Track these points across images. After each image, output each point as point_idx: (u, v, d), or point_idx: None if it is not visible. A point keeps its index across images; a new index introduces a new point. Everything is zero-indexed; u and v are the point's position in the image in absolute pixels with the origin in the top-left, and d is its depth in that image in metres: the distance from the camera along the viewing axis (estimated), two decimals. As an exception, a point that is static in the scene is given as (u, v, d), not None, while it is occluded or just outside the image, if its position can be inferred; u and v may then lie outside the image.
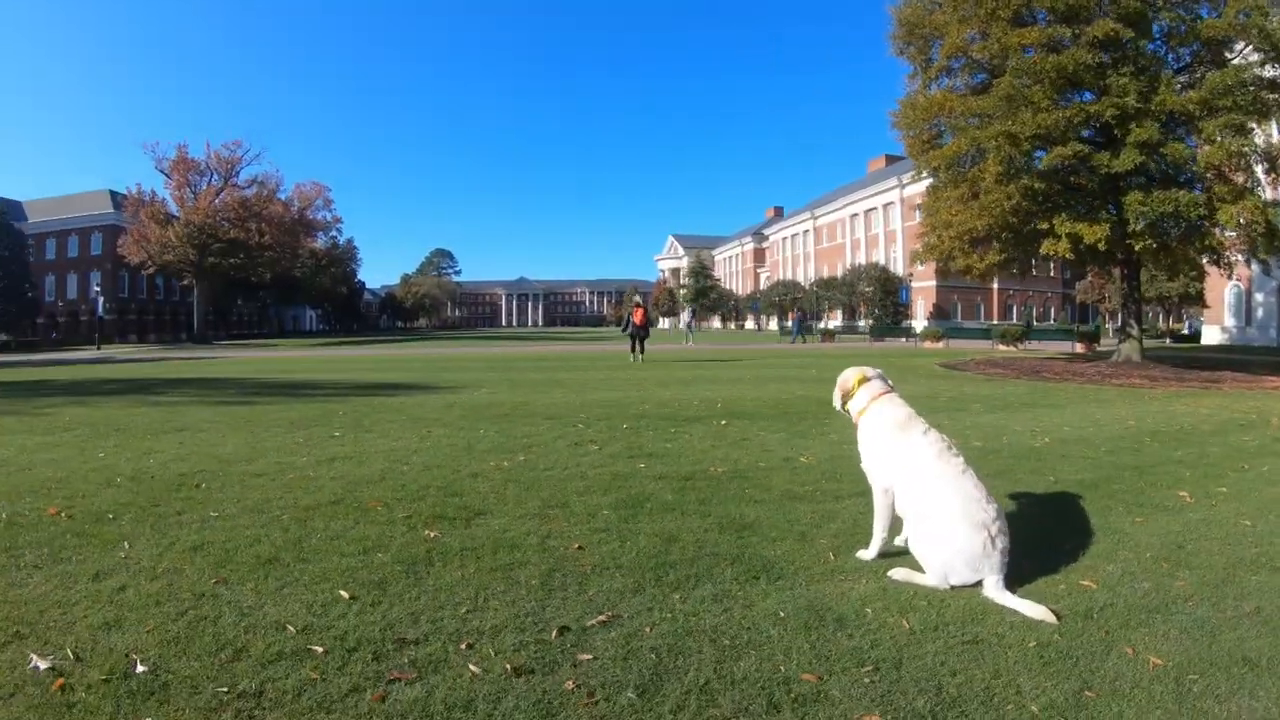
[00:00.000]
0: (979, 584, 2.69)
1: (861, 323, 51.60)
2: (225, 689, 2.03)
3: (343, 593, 2.78)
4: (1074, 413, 8.35)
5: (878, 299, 53.23)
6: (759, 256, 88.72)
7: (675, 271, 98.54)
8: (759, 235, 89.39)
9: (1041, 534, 3.44)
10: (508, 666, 2.12)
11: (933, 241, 16.26)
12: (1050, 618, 2.44)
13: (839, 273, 63.34)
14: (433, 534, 3.56)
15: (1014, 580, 2.76)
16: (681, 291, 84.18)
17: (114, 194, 59.82)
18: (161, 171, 45.96)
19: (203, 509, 4.07)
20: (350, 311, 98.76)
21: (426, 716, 1.91)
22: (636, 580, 2.86)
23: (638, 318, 18.28)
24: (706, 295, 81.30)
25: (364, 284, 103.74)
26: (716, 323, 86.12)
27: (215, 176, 47.67)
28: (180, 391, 11.89)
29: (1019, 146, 13.76)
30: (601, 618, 2.48)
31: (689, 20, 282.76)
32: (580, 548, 3.30)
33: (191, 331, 51.16)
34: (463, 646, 2.27)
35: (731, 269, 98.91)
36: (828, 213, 70.87)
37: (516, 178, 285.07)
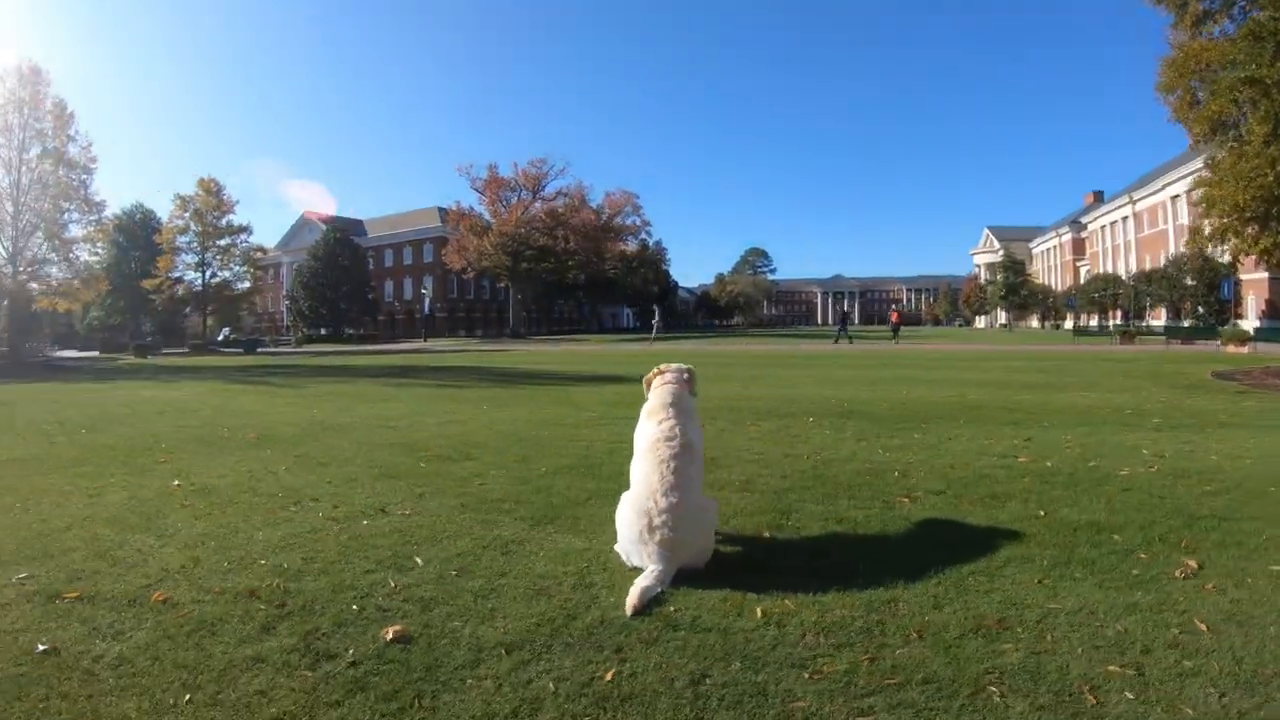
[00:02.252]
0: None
1: (1186, 322, 43.75)
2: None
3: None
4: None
5: (1200, 294, 43.99)
6: (1077, 248, 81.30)
7: (991, 266, 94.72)
8: (1076, 224, 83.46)
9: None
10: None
11: (1212, 222, 15.49)
12: (629, 609, 2.56)
13: (1161, 263, 54.77)
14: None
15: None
16: (989, 288, 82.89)
17: (440, 209, 76.38)
18: (475, 190, 58.66)
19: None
20: (664, 310, 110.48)
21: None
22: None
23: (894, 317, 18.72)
24: (1017, 292, 78.10)
25: (677, 283, 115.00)
26: (1034, 322, 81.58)
27: (524, 191, 59.05)
28: (426, 377, 15.60)
29: (1271, 98, 12.85)
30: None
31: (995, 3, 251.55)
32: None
33: (508, 328, 62.79)
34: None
35: (1049, 262, 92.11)
36: (1146, 195, 62.47)
37: (833, 173, 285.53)
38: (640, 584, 2.67)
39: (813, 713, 1.93)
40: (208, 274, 44.96)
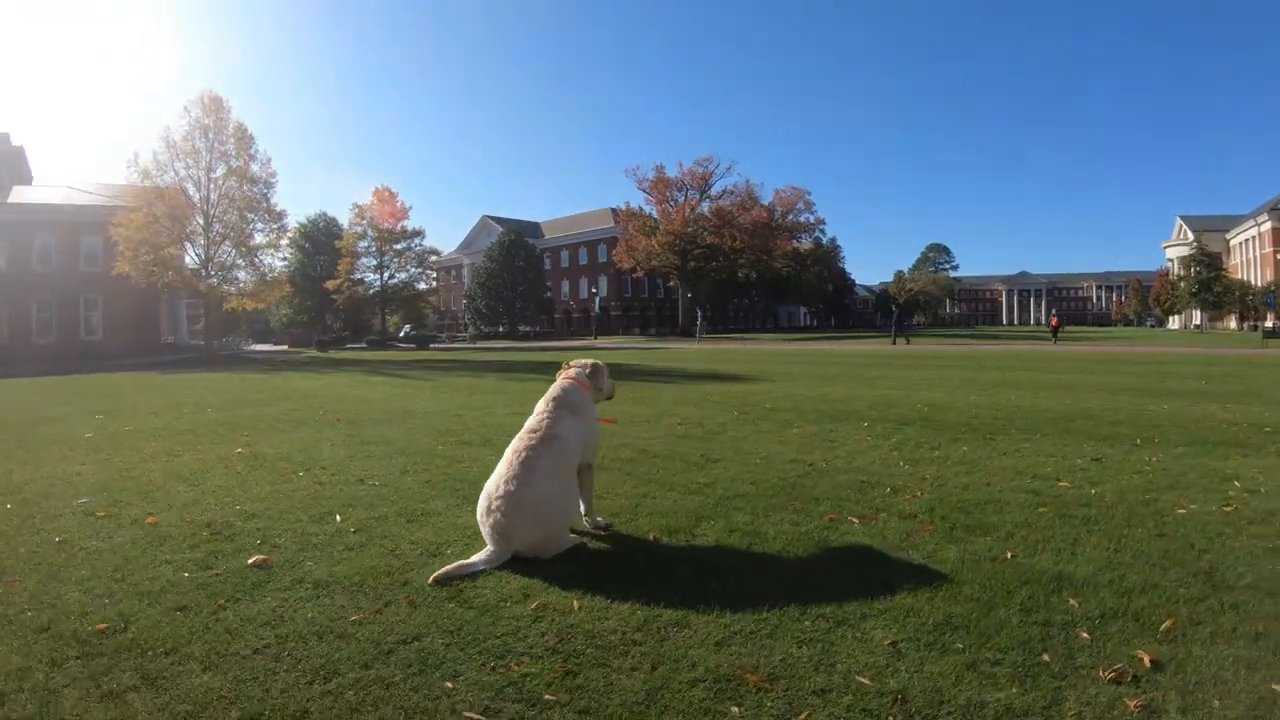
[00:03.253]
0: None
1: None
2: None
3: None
4: None
5: None
6: (1278, 238, 71.18)
7: (1182, 260, 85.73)
8: (1276, 211, 72.41)
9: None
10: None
11: None
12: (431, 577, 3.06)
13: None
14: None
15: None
16: (1180, 284, 77.98)
17: (614, 210, 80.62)
18: (643, 190, 61.83)
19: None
20: (839, 308, 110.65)
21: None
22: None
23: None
24: (1210, 289, 72.18)
25: (854, 281, 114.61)
26: (1233, 323, 74.34)
27: (690, 191, 61.68)
28: (550, 373, 17.07)
29: None
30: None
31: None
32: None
33: (676, 326, 65.21)
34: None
35: (1248, 255, 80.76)
36: (1368, 170, 50.02)
37: (1020, 164, 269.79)
38: (462, 560, 3.17)
39: (437, 699, 2.15)
40: (385, 275, 50.90)
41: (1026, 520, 4.04)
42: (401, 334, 58.82)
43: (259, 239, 33.16)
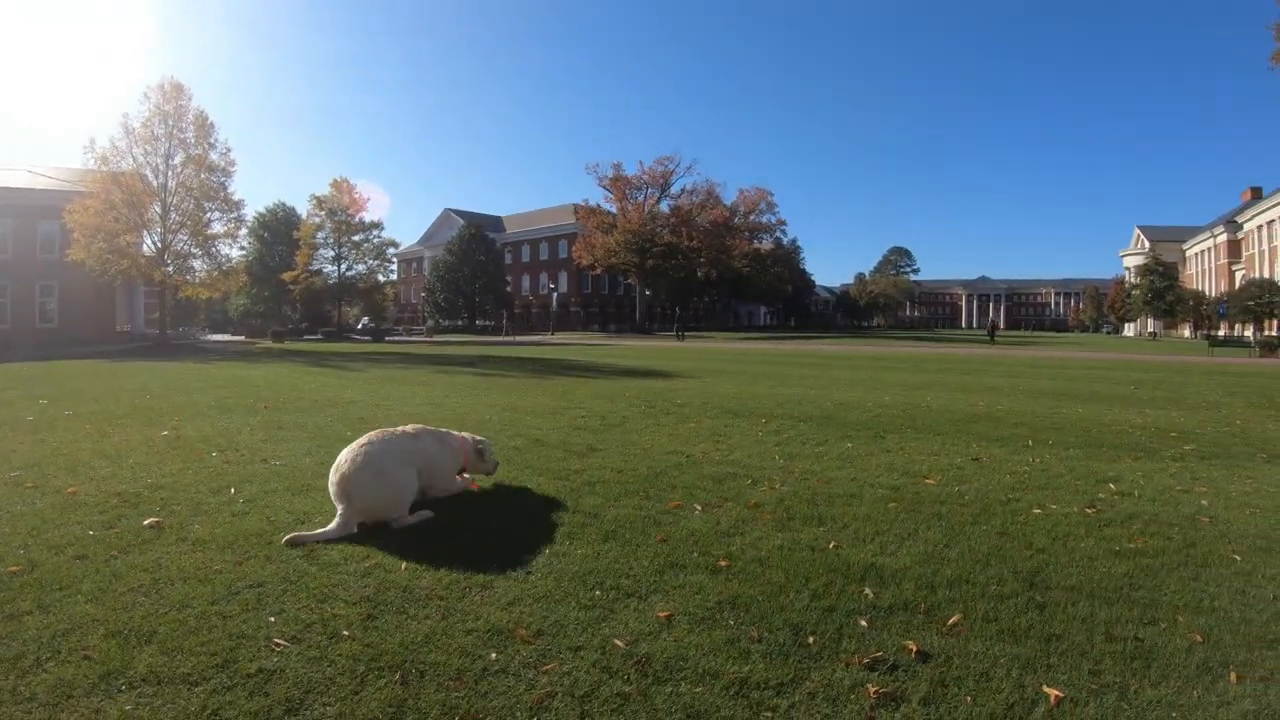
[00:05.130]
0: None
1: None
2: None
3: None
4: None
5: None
6: (1233, 249, 75.43)
7: (1139, 269, 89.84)
8: (1232, 224, 75.79)
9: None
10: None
11: None
12: (285, 538, 3.64)
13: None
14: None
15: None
16: (1134, 293, 79.84)
17: (576, 207, 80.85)
18: (603, 187, 62.26)
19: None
20: (799, 308, 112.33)
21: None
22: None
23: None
24: (1163, 297, 74.56)
25: (814, 282, 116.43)
26: (1186, 331, 77.63)
27: (650, 189, 62.48)
28: (484, 366, 17.54)
29: None
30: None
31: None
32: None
33: (635, 323, 65.95)
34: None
35: (1203, 265, 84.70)
36: (1312, 188, 53.77)
37: (978, 170, 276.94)
38: (319, 527, 3.76)
39: (258, 628, 2.67)
40: (343, 267, 50.73)
41: (870, 514, 4.21)
42: (360, 326, 58.64)
43: (216, 228, 32.96)
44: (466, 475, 4.66)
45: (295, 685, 2.32)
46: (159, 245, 31.26)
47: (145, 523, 3.93)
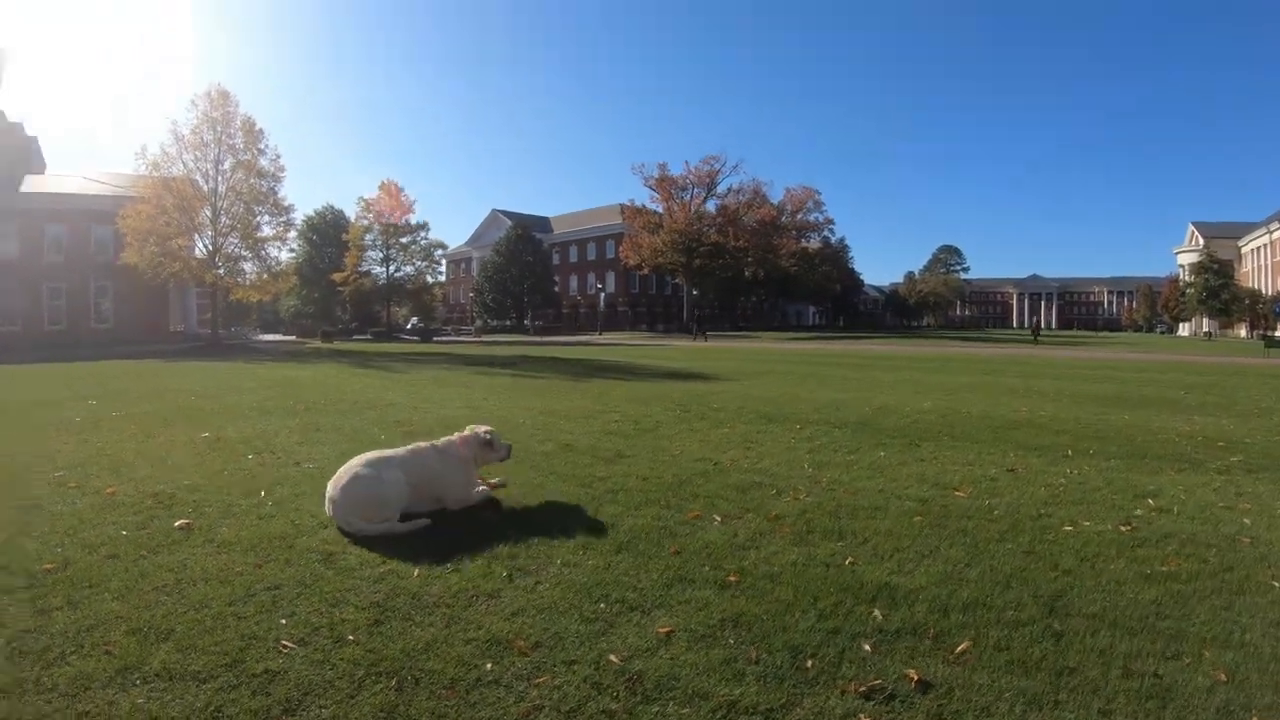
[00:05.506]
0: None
1: None
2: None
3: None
4: None
5: None
6: None
7: (1192, 267, 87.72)
8: None
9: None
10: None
11: None
12: None
13: None
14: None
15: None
16: (1189, 291, 77.85)
17: (623, 207, 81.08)
18: (649, 187, 62.28)
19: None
20: (848, 308, 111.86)
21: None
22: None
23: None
24: (1218, 296, 72.64)
25: (862, 281, 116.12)
26: (1242, 331, 75.04)
27: (696, 189, 62.38)
28: (523, 368, 17.74)
29: None
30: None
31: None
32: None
33: (682, 323, 65.96)
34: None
35: (1260, 262, 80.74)
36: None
37: (1029, 167, 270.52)
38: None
39: (269, 630, 2.83)
40: (391, 268, 51.86)
41: (893, 529, 4.13)
42: (409, 326, 59.96)
43: (266, 231, 34.00)
44: (483, 486, 4.76)
45: (296, 687, 2.43)
46: (210, 248, 32.33)
47: (176, 524, 4.12)
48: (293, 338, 50.85)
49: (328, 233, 60.15)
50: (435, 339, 47.72)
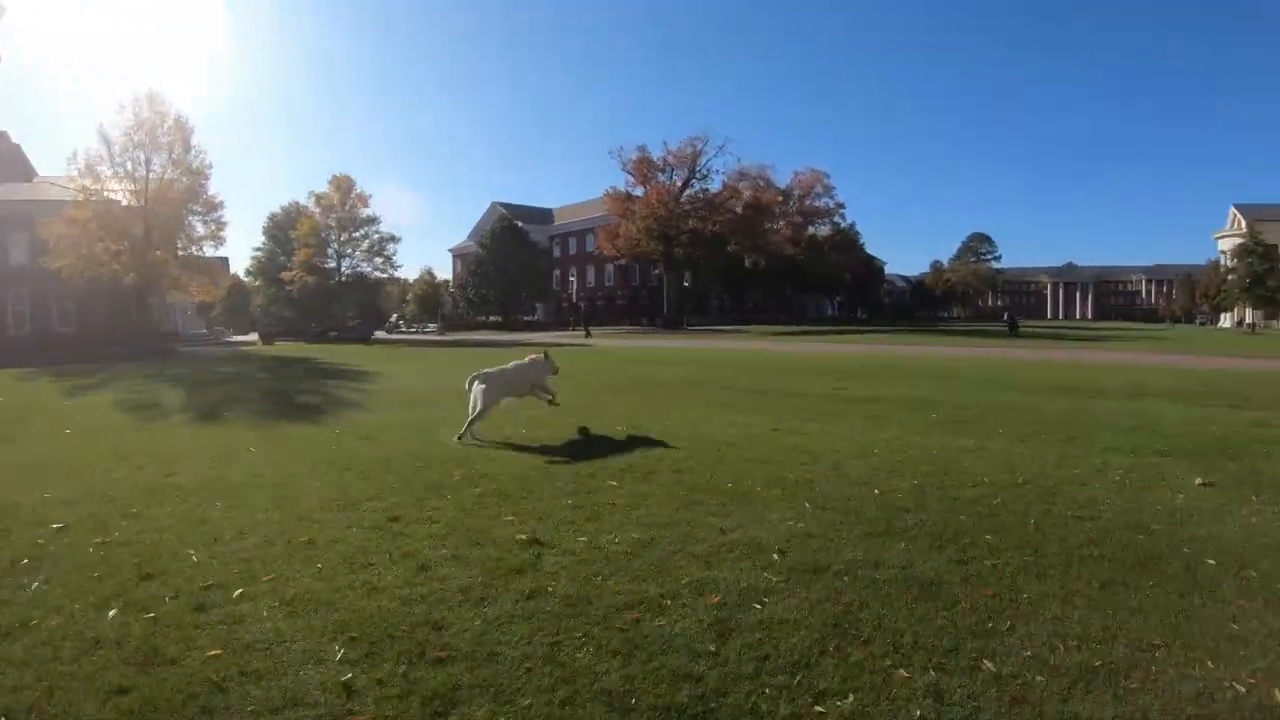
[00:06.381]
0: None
1: None
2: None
3: None
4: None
5: None
6: None
7: (1234, 252, 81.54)
8: None
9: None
10: None
11: None
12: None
13: None
14: None
15: None
16: (1230, 278, 73.56)
17: (605, 193, 77.29)
18: (627, 172, 59.71)
19: None
20: (869, 299, 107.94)
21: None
22: None
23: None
24: (1264, 283, 67.17)
25: (882, 269, 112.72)
26: None
27: (676, 172, 59.66)
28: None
29: None
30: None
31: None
32: None
33: (665, 316, 63.38)
34: None
35: None
36: None
37: (1067, 149, 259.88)
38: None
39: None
40: (343, 265, 52.40)
41: (807, 478, 5.05)
42: (351, 324, 57.03)
43: (200, 230, 34.84)
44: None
45: None
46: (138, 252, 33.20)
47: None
48: (253, 337, 51.53)
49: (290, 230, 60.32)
50: (374, 338, 47.42)
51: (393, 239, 54.84)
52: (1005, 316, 53.88)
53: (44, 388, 15.84)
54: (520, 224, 76.83)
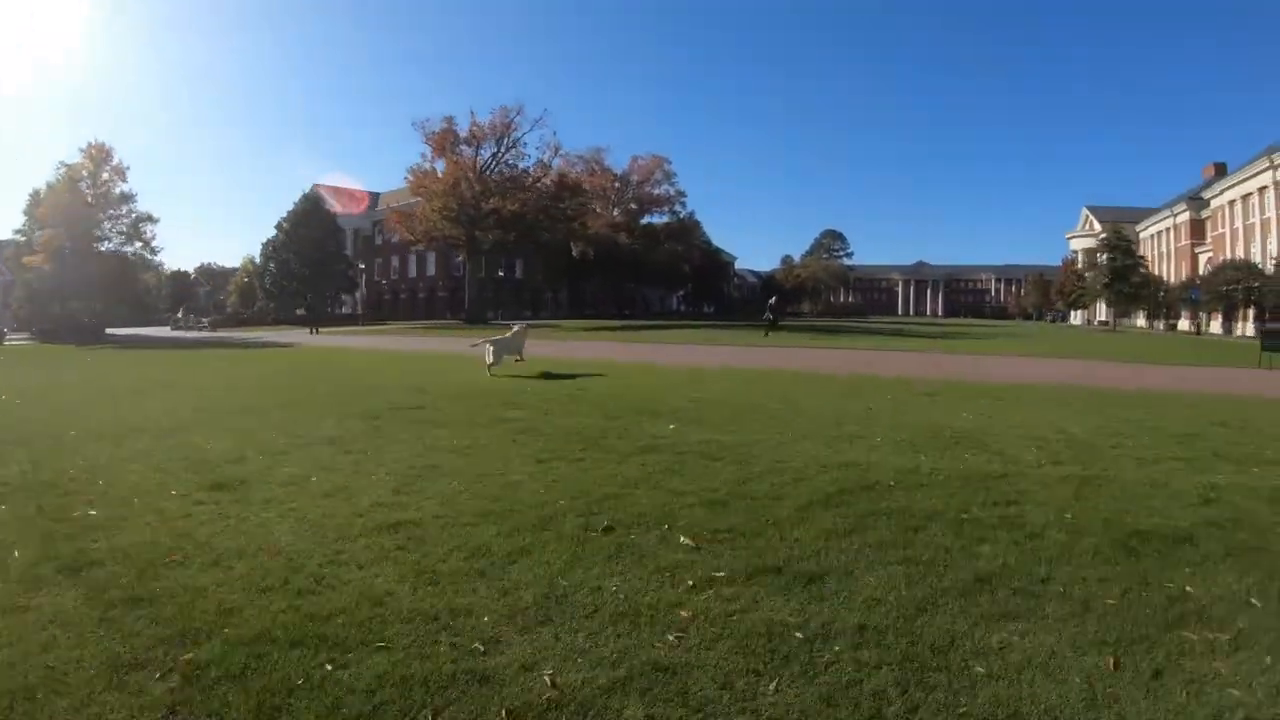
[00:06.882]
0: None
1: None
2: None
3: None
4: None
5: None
6: (1195, 230, 74.05)
7: (1090, 251, 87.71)
8: (1196, 201, 73.85)
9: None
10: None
11: None
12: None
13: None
14: None
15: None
16: (1090, 275, 77.25)
17: (409, 171, 70.51)
18: (429, 145, 53.13)
19: None
20: (716, 294, 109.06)
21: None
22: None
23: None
24: (1126, 279, 69.57)
25: (732, 264, 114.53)
26: (1141, 321, 76.36)
27: (484, 148, 54.52)
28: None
29: None
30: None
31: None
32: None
33: (465, 310, 57.97)
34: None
35: (1159, 249, 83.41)
36: (1297, 156, 54.39)
37: (919, 149, 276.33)
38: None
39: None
40: (103, 249, 47.36)
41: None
42: (86, 321, 47.91)
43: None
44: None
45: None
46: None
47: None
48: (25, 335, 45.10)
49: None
50: (107, 335, 41.75)
51: (150, 219, 49.30)
52: (767, 310, 39.62)
53: None
54: (335, 210, 73.03)
